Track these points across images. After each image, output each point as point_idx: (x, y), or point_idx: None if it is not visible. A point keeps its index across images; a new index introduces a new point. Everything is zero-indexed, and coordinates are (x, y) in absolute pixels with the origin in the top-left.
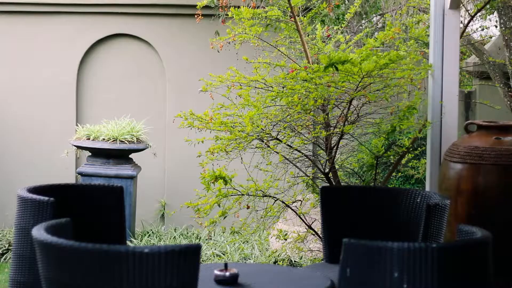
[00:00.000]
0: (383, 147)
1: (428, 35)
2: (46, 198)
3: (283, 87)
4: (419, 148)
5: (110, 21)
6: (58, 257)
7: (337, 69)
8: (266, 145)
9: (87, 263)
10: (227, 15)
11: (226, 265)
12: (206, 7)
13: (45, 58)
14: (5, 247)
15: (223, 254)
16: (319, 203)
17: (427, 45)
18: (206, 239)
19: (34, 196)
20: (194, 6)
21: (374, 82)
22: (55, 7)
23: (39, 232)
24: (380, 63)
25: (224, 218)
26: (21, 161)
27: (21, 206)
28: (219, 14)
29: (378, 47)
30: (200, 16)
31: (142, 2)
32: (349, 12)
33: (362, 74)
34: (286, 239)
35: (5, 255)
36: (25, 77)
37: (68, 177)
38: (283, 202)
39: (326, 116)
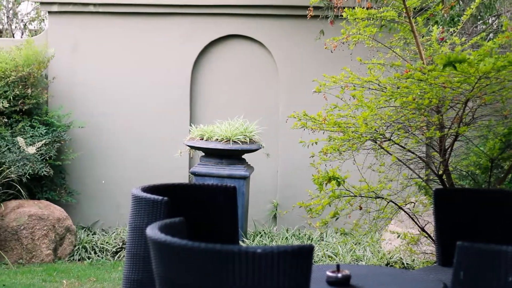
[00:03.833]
0: (498, 150)
1: None
2: (160, 197)
3: (397, 88)
4: None
5: (223, 22)
6: (171, 256)
7: (455, 68)
8: (379, 146)
9: (200, 263)
10: (336, 15)
11: (338, 266)
12: (317, 8)
13: (160, 59)
14: (119, 245)
15: (335, 256)
16: (432, 205)
17: None
18: (318, 240)
19: (148, 196)
20: (306, 7)
21: (490, 83)
22: (170, 8)
23: (153, 231)
24: (497, 64)
25: (336, 219)
26: (135, 160)
27: (135, 205)
28: (327, 15)
29: (492, 48)
30: (311, 13)
31: (254, 3)
32: (465, 14)
33: (479, 75)
34: (405, 238)
35: (119, 253)
36: (141, 77)
37: (181, 176)
38: (395, 204)
39: (441, 117)
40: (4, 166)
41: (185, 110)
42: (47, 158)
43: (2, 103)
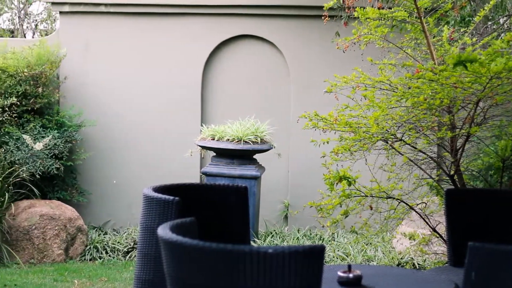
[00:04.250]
0: (510, 150)
1: None
2: (172, 197)
3: (409, 88)
4: None
5: (234, 22)
6: (183, 256)
7: (466, 67)
8: (390, 146)
9: (211, 263)
10: (349, 16)
11: (349, 266)
12: (329, 8)
13: (171, 59)
14: (131, 245)
15: (346, 256)
16: (443, 206)
17: None
18: (329, 240)
19: (160, 195)
20: (317, 7)
21: (502, 84)
22: (181, 8)
23: (164, 231)
24: (509, 64)
25: (346, 217)
26: (147, 160)
27: (146, 205)
28: (341, 16)
29: (504, 48)
30: (326, 18)
31: (266, 4)
32: (478, 15)
33: (490, 75)
34: (415, 239)
35: (130, 253)
36: (152, 78)
37: (193, 176)
38: (407, 204)
39: (452, 117)
40: (15, 165)
41: (196, 110)
42: (56, 153)
43: (11, 99)
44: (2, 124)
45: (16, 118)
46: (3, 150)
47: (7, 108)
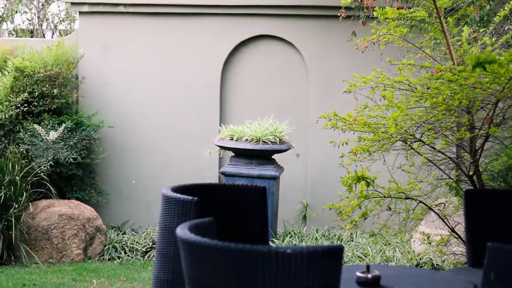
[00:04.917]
0: None
1: None
2: (190, 197)
3: (428, 88)
4: None
5: (253, 22)
6: (201, 256)
7: (485, 68)
8: (409, 147)
9: (230, 263)
10: (367, 16)
11: (368, 267)
12: (347, 8)
13: (190, 59)
14: (149, 245)
15: (365, 256)
16: (462, 206)
17: None
18: (347, 241)
19: (178, 195)
20: (336, 8)
21: None
22: (200, 8)
23: (183, 231)
24: None
25: (365, 219)
26: (165, 160)
27: (165, 205)
28: (359, 15)
29: None
30: (343, 14)
31: (285, 4)
32: (498, 15)
33: (509, 76)
34: (430, 243)
35: (149, 253)
36: (170, 78)
37: (211, 176)
38: (425, 204)
39: (471, 118)
40: (32, 163)
41: (215, 110)
42: (72, 145)
43: (23, 95)
44: (18, 123)
45: (32, 117)
46: (20, 148)
47: (19, 105)
